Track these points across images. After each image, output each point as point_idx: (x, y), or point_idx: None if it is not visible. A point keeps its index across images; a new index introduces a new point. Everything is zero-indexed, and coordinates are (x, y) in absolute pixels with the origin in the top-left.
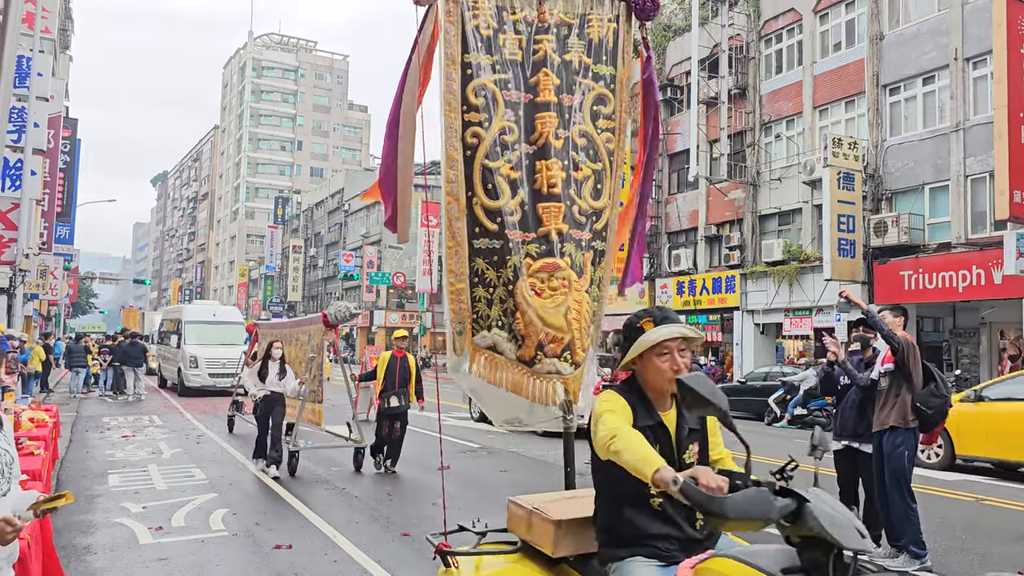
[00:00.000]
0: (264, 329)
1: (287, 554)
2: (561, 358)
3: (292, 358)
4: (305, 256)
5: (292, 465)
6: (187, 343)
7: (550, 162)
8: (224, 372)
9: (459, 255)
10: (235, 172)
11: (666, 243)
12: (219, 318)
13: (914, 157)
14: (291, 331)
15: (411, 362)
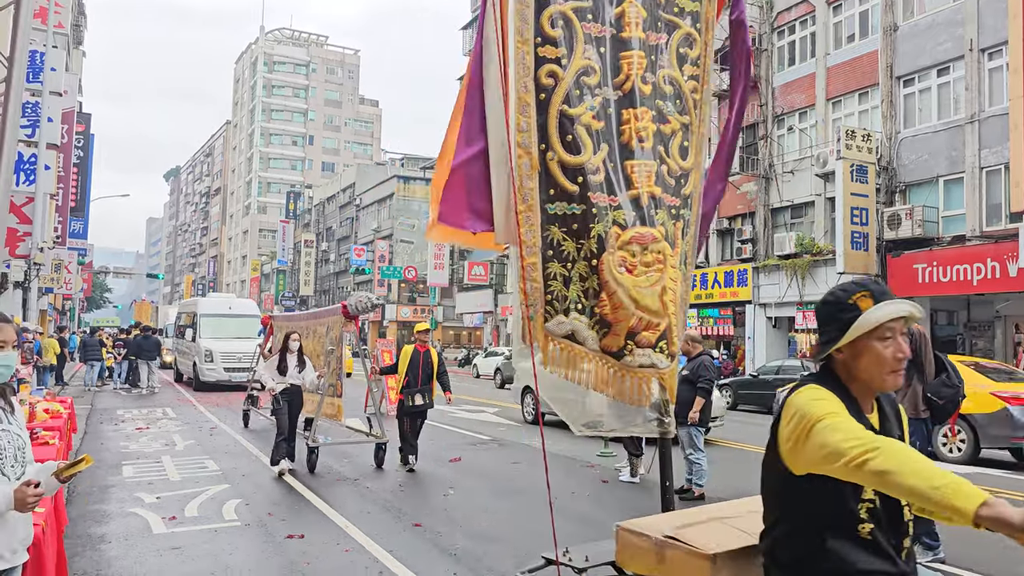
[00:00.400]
0: (280, 321)
1: (299, 543)
2: (656, 348)
3: (310, 351)
4: (317, 250)
5: (312, 461)
6: (202, 337)
7: (639, 111)
8: (240, 366)
9: (531, 222)
10: (247, 167)
11: None
12: (235, 311)
13: (928, 149)
14: (308, 323)
15: (434, 356)
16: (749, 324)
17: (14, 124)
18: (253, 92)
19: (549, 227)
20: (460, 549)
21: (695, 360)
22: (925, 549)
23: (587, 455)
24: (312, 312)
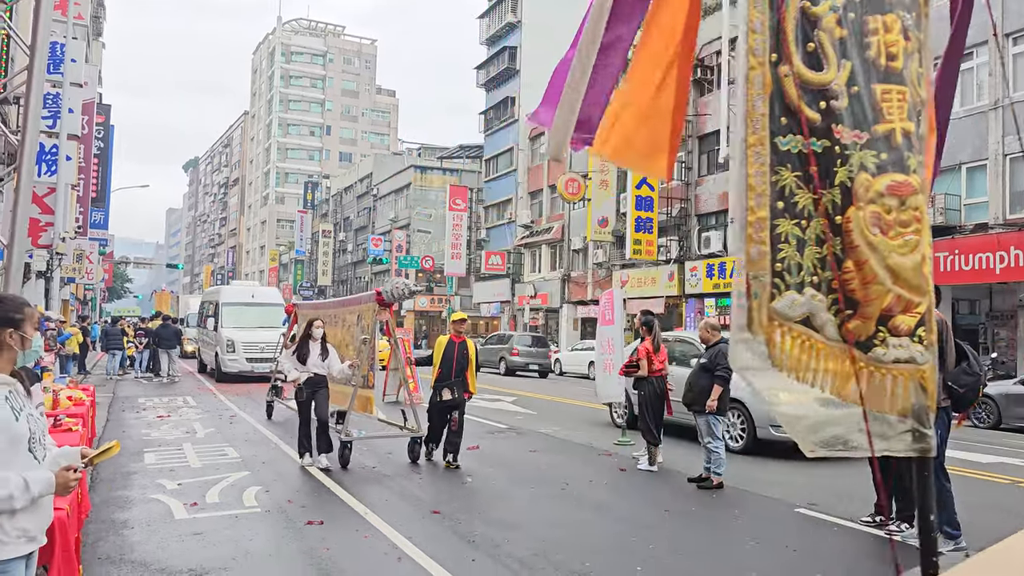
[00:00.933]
0: (305, 310)
1: (319, 530)
2: (915, 337)
3: (338, 341)
4: (335, 240)
5: (344, 456)
6: (224, 326)
7: (887, 18)
8: (263, 357)
9: (760, 160)
10: (265, 157)
11: (696, 225)
12: (258, 299)
13: (951, 136)
14: (336, 311)
15: (471, 349)
16: None
17: (36, 114)
18: (271, 82)
19: (780, 169)
20: (479, 536)
21: (713, 348)
22: (946, 539)
23: (604, 443)
24: (341, 300)
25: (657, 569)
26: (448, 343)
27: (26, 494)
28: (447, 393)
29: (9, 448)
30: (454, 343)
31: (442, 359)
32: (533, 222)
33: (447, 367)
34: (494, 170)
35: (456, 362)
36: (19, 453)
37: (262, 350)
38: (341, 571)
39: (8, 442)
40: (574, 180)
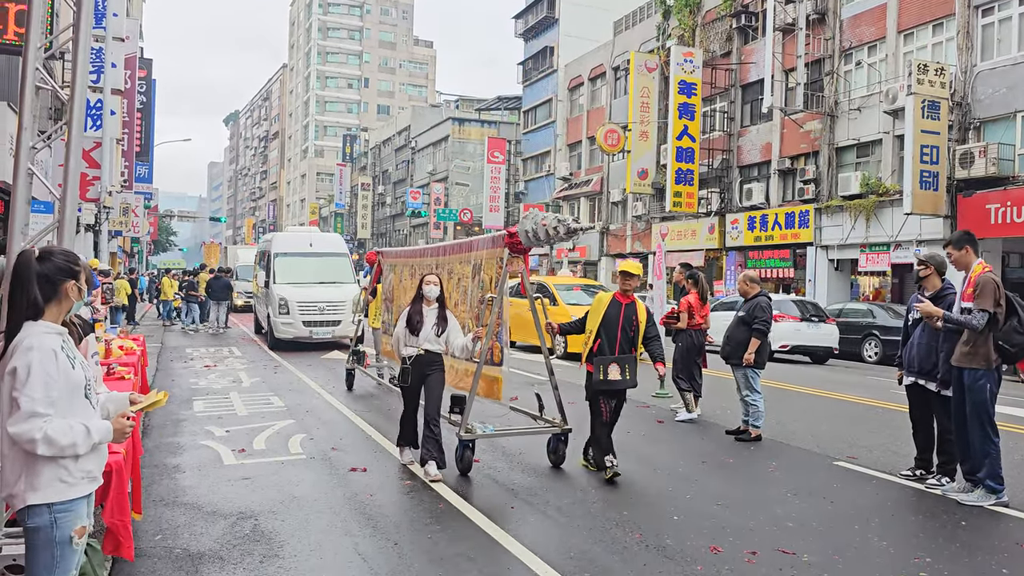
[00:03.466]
0: (393, 258)
1: (362, 476)
2: None
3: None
4: (373, 194)
5: (465, 460)
6: (276, 281)
7: None
8: (325, 319)
9: None
10: (304, 111)
11: (737, 177)
12: (318, 248)
13: (1006, 83)
14: (441, 260)
15: (641, 312)
16: (810, 267)
17: (84, 68)
18: (308, 35)
19: None
20: (518, 484)
21: (752, 301)
22: (989, 492)
23: (642, 396)
24: (447, 245)
25: (695, 518)
26: (610, 304)
27: (88, 440)
28: (614, 371)
29: (68, 395)
30: (619, 304)
31: (601, 325)
32: (572, 174)
33: (608, 336)
34: (532, 122)
35: (622, 330)
36: (77, 399)
37: (322, 311)
38: (384, 516)
39: (68, 389)
40: (613, 131)
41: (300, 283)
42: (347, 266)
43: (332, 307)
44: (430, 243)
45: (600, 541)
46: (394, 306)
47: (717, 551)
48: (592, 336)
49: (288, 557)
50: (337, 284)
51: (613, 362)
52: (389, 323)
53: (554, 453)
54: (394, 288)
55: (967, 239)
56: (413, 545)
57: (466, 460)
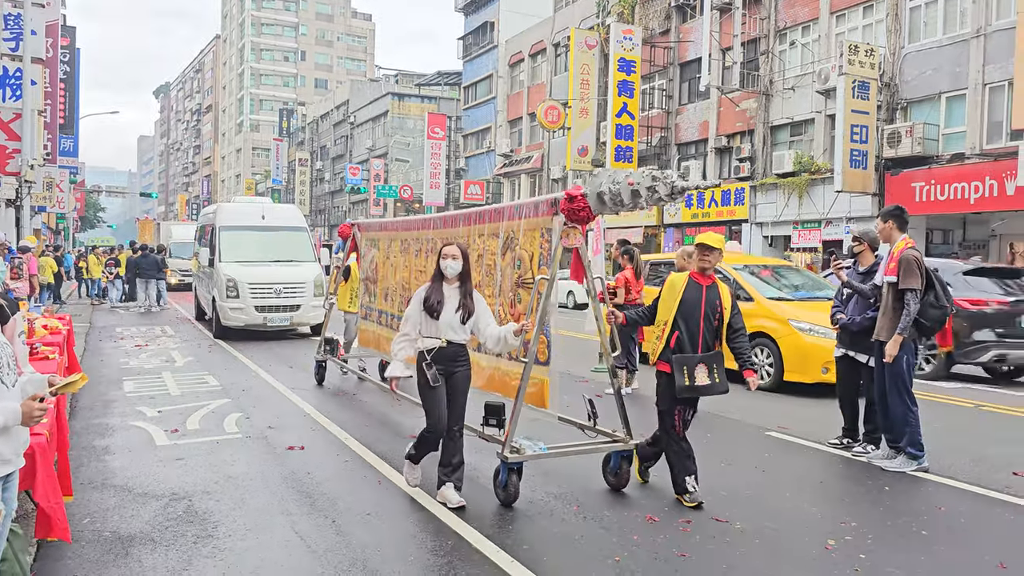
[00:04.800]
0: (375, 232)
1: (299, 454)
2: None
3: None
4: (311, 169)
5: (510, 489)
6: (222, 260)
7: None
8: (281, 303)
9: None
10: (238, 83)
11: (675, 155)
12: (271, 221)
13: (932, 65)
14: (448, 233)
15: (725, 296)
16: (745, 243)
17: None
18: (242, 5)
19: None
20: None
21: None
22: (910, 459)
23: (581, 371)
24: (461, 214)
25: (631, 490)
26: (688, 286)
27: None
28: (702, 374)
29: None
30: (698, 286)
31: (679, 312)
32: (512, 151)
33: (689, 328)
34: (473, 98)
35: (704, 319)
36: None
37: (279, 294)
38: (323, 495)
39: None
40: (554, 108)
41: (251, 262)
42: (306, 242)
43: (290, 289)
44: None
45: (539, 514)
46: (378, 287)
47: (653, 520)
48: (667, 328)
49: (223, 537)
50: (295, 263)
51: (700, 362)
52: (372, 308)
53: (614, 474)
54: (378, 266)
55: (892, 213)
56: (352, 523)
57: (511, 489)
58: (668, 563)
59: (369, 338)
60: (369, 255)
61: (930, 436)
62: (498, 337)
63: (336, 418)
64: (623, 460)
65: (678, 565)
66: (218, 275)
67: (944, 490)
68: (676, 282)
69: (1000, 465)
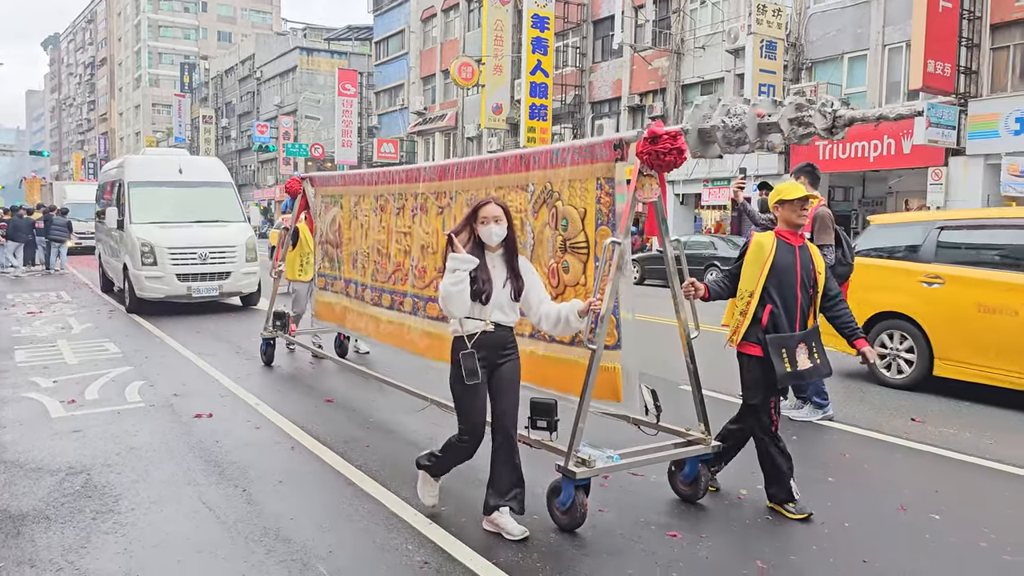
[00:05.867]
0: (335, 187)
1: (208, 423)
2: None
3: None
4: (217, 127)
5: (575, 510)
6: (134, 221)
7: None
8: (208, 271)
9: None
10: (135, 35)
11: (589, 113)
12: (190, 176)
13: (836, 25)
14: (448, 186)
15: (818, 260)
16: None
17: None
18: None
19: None
20: (373, 423)
21: None
22: (816, 408)
23: None
24: (467, 162)
25: (541, 455)
26: (778, 248)
27: None
28: (803, 356)
29: None
30: (791, 248)
31: (768, 281)
32: (426, 108)
33: (785, 300)
34: (385, 53)
35: (801, 288)
36: None
37: (204, 259)
38: (232, 463)
39: None
40: (468, 65)
41: (169, 223)
42: (232, 199)
43: (218, 254)
44: (281, 180)
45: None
46: (343, 252)
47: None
48: (754, 300)
49: (125, 512)
50: (221, 223)
51: (800, 341)
52: (335, 276)
53: (689, 483)
54: (342, 228)
55: (804, 170)
56: (264, 491)
57: (576, 509)
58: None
59: (331, 311)
60: (329, 215)
61: (833, 386)
62: (557, 317)
63: (247, 384)
64: (704, 465)
65: None
66: (130, 239)
67: (849, 437)
68: (764, 243)
69: (900, 412)
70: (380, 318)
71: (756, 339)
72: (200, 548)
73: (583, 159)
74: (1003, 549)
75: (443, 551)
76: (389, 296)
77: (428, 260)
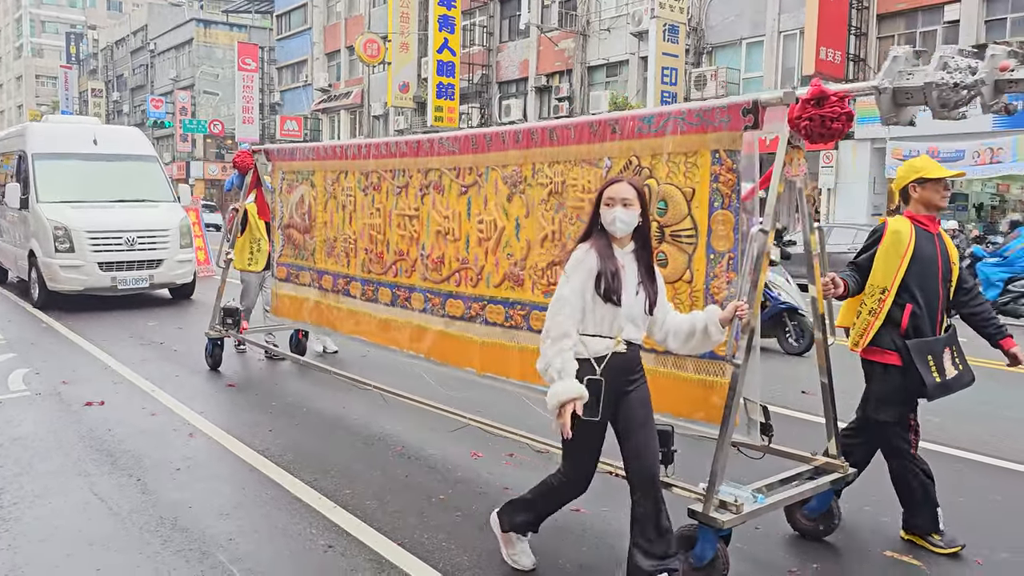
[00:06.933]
0: (302, 162)
1: (99, 411)
2: None
3: (534, 245)
4: (107, 101)
5: (718, 565)
6: (42, 200)
7: None
8: (136, 259)
9: None
10: (15, 2)
11: (497, 93)
12: (106, 148)
13: (734, 11)
14: (496, 158)
15: (952, 250)
16: None
17: None
18: None
19: None
20: (277, 407)
21: None
22: None
23: None
24: (517, 130)
25: (463, 436)
26: (917, 237)
27: None
28: (949, 363)
29: None
30: (929, 237)
31: (908, 274)
32: (331, 86)
33: (927, 297)
34: (287, 28)
35: (943, 282)
36: None
37: (132, 244)
38: (126, 452)
39: None
40: (373, 42)
41: (86, 202)
42: (159, 175)
43: (148, 238)
44: (178, 157)
45: (359, 458)
46: (316, 239)
47: (478, 456)
48: (888, 298)
49: (7, 506)
50: (149, 203)
51: (946, 346)
52: (302, 267)
53: (818, 517)
54: (313, 210)
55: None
56: (160, 480)
57: (721, 565)
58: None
59: (295, 307)
60: (294, 194)
61: None
62: (691, 329)
63: (142, 369)
64: (834, 504)
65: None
66: (38, 221)
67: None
68: (901, 231)
69: (792, 384)
70: (373, 315)
71: (892, 344)
72: (91, 541)
73: (692, 127)
74: None
75: (348, 534)
76: (389, 290)
77: (448, 249)
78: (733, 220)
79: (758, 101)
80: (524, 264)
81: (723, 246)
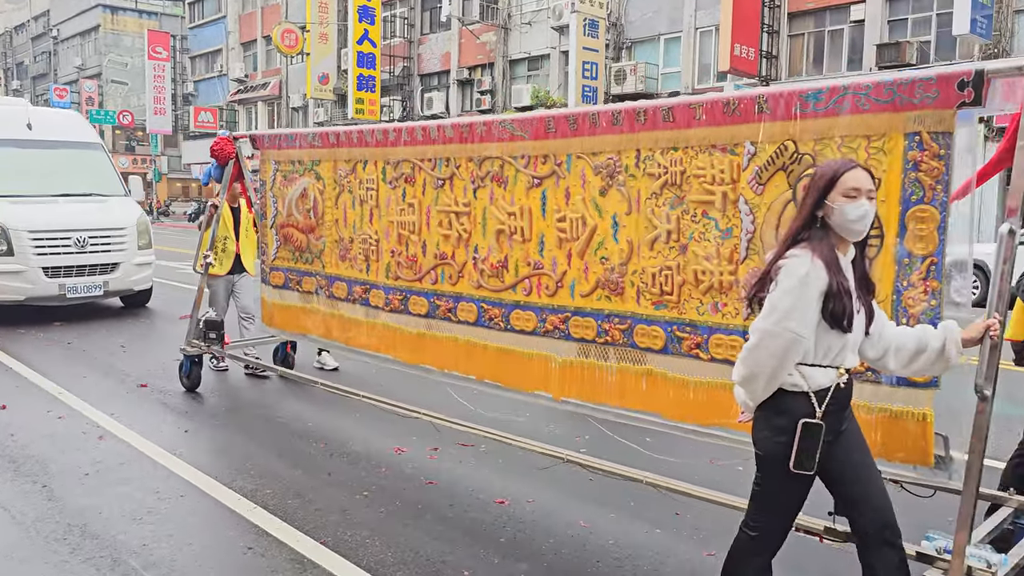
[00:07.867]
0: (311, 150)
1: (1, 415)
2: None
3: (639, 238)
4: (7, 90)
5: None
6: None
7: None
8: (87, 262)
9: None
10: None
11: (419, 86)
12: (42, 134)
13: (652, 7)
14: (583, 143)
15: None
16: None
17: None
18: None
19: None
20: (192, 408)
21: None
22: None
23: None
24: (614, 109)
25: (385, 423)
26: None
27: None
28: None
29: None
30: None
31: None
32: (247, 76)
33: None
34: (200, 16)
35: None
36: None
37: (82, 246)
38: (30, 458)
39: None
40: (291, 31)
41: (24, 197)
42: (106, 166)
43: (100, 239)
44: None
45: (283, 454)
46: (326, 239)
47: (401, 451)
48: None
49: None
50: (98, 198)
51: None
52: (301, 271)
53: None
54: (320, 206)
55: None
56: (68, 486)
57: None
58: None
59: (295, 318)
60: (294, 188)
61: None
62: (918, 346)
63: (47, 372)
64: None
65: None
66: None
67: None
68: None
69: None
70: (402, 329)
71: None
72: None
73: (878, 104)
74: None
75: (268, 535)
76: (425, 300)
77: (515, 251)
78: (939, 217)
79: (984, 71)
80: (625, 269)
81: (922, 248)
